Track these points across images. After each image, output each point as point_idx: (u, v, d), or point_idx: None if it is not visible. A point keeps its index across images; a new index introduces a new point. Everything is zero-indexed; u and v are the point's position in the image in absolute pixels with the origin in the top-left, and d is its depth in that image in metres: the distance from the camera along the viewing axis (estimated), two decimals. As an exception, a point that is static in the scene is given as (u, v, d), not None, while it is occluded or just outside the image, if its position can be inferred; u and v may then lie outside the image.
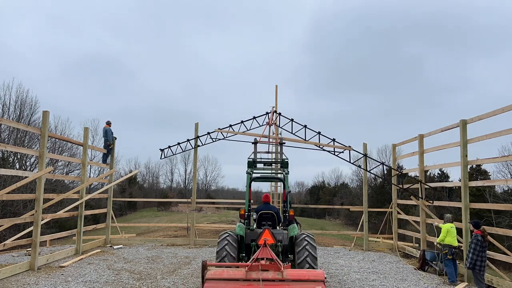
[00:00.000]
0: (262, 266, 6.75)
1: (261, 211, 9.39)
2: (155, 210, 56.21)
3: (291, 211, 9.39)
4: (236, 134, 15.66)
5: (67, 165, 35.44)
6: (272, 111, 15.79)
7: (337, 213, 57.48)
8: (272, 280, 6.47)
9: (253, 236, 8.54)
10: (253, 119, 15.53)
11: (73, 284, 8.88)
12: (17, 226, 21.19)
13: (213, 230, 21.41)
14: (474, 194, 28.08)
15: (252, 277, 6.54)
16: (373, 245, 15.97)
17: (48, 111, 11.02)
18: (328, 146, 14.79)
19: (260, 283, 6.38)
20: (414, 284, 9.60)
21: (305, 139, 14.71)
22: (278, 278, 6.48)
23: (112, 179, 16.13)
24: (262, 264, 6.80)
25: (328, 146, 14.82)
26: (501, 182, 27.25)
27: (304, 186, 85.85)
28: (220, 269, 7.02)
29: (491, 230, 10.49)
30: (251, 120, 15.55)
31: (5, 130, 30.13)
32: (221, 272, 6.75)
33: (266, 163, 11.36)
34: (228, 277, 6.64)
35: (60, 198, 13.48)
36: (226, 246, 8.18)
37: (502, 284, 9.05)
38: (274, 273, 6.57)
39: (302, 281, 6.46)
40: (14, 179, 23.57)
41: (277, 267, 6.66)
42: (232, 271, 6.87)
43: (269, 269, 6.72)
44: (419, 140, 13.71)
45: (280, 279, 6.47)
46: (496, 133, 9.54)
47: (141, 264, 11.46)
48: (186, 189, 67.20)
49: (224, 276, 6.65)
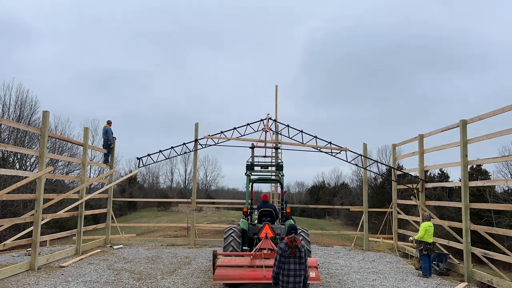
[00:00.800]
0: (264, 255, 7.94)
1: (261, 208, 10.61)
2: (155, 210, 56.19)
3: (288, 208, 10.77)
4: (229, 140, 15.74)
5: (67, 165, 35.43)
6: (267, 117, 15.91)
7: (337, 213, 57.48)
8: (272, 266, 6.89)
9: (255, 230, 9.93)
10: (247, 125, 15.70)
11: (73, 284, 8.88)
12: (17, 226, 21.19)
13: (213, 230, 21.37)
14: (474, 194, 28.08)
15: (256, 264, 7.76)
16: (373, 245, 15.96)
17: (48, 111, 11.02)
18: (325, 148, 15.39)
19: (263, 269, 7.47)
20: (414, 284, 9.60)
21: (302, 143, 15.27)
22: None
23: (112, 179, 16.13)
24: (264, 253, 7.98)
25: (325, 148, 15.42)
26: (501, 182, 27.24)
27: (304, 186, 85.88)
28: (229, 257, 8.31)
29: (491, 230, 10.52)
30: (245, 126, 15.69)
31: (5, 130, 30.14)
32: (229, 260, 8.03)
33: (263, 166, 12.72)
34: (236, 264, 7.85)
35: (60, 198, 13.48)
36: (231, 242, 9.39)
37: (502, 284, 9.05)
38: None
39: None
40: (14, 179, 23.58)
41: None
42: (239, 259, 8.08)
43: (270, 257, 7.81)
44: (419, 140, 13.71)
45: None
46: (496, 133, 9.54)
47: (141, 264, 11.46)
48: (186, 189, 67.19)
49: (232, 263, 7.87)
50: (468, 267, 10.24)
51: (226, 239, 9.46)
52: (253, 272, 7.59)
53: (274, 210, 10.59)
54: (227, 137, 15.71)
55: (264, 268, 7.45)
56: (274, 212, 10.56)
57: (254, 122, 15.74)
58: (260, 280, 7.46)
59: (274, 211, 10.58)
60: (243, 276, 7.58)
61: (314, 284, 8.95)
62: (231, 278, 7.61)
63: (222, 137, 15.74)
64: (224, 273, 7.60)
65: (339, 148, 15.28)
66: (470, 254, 10.34)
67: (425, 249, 10.79)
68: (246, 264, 7.82)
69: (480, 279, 9.88)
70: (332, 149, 15.34)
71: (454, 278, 10.67)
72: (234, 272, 7.60)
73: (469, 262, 10.28)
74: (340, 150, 15.34)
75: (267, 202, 11.09)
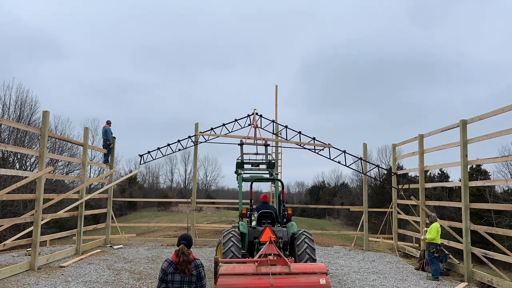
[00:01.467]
0: (271, 261, 7.26)
1: (261, 210, 9.79)
2: (155, 210, 56.20)
3: (289, 210, 9.95)
4: (218, 136, 15.81)
5: (67, 165, 35.44)
6: (254, 113, 15.92)
7: (337, 213, 57.48)
8: (280, 273, 7.00)
9: (255, 234, 9.10)
10: (235, 121, 15.77)
11: (73, 284, 8.88)
12: (17, 226, 21.19)
13: (213, 230, 21.39)
14: (474, 194, 28.09)
15: (261, 271, 7.06)
16: (373, 245, 15.96)
17: (48, 111, 11.01)
18: (308, 144, 15.31)
19: (270, 277, 6.89)
20: (414, 284, 9.60)
21: (286, 139, 15.39)
22: (285, 272, 7.02)
23: (112, 179, 16.12)
24: (270, 259, 7.30)
25: (308, 145, 15.34)
26: (501, 182, 27.25)
27: (304, 186, 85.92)
28: (232, 265, 7.63)
29: (491, 230, 10.52)
30: (233, 122, 15.78)
31: (5, 130, 30.14)
32: (233, 268, 7.33)
33: (253, 164, 12.17)
34: (240, 272, 7.19)
35: (60, 198, 13.49)
36: (232, 247, 8.68)
37: (502, 284, 9.05)
38: (282, 267, 7.09)
39: (308, 274, 7.02)
40: (14, 179, 23.58)
41: (284, 262, 7.19)
42: (243, 266, 7.45)
43: (276, 263, 7.22)
44: (419, 140, 13.70)
45: (288, 273, 7.01)
46: (496, 133, 9.53)
47: (141, 264, 11.46)
48: (186, 189, 67.18)
49: (236, 271, 7.21)
50: (468, 267, 10.24)
51: (225, 244, 8.76)
52: (259, 280, 7.05)
53: (274, 212, 9.89)
54: (216, 133, 15.79)
55: (271, 276, 6.98)
56: (275, 214, 9.86)
57: (241, 118, 15.90)
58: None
59: (275, 213, 9.89)
60: (248, 285, 7.07)
61: None
62: (235, 287, 7.10)
63: (212, 133, 15.84)
64: (227, 282, 7.01)
65: (322, 144, 15.04)
66: (470, 254, 10.34)
67: (436, 251, 10.51)
68: (251, 271, 7.21)
69: (480, 279, 9.88)
70: (315, 145, 15.17)
71: (454, 278, 10.67)
72: (239, 281, 7.03)
73: (469, 262, 10.28)
74: (323, 147, 15.09)
75: (267, 203, 10.44)
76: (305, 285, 7.00)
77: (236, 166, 11.75)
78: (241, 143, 13.34)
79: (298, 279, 7.02)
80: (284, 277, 7.00)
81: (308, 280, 7.00)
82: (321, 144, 15.13)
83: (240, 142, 13.43)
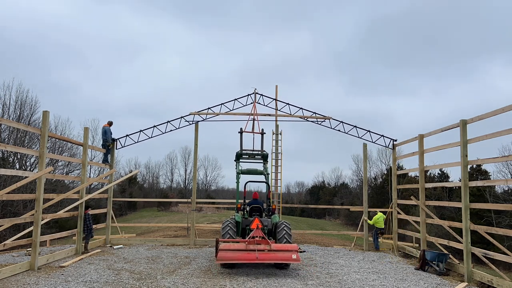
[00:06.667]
0: (257, 241, 10.16)
1: (252, 205, 12.96)
2: (155, 210, 56.21)
3: (273, 205, 13.30)
4: (218, 115, 15.68)
5: (67, 165, 35.43)
6: (255, 92, 15.94)
7: (337, 213, 57.50)
8: (263, 250, 9.97)
9: (247, 222, 12.16)
10: (234, 100, 15.80)
11: (73, 284, 8.88)
12: (17, 226, 21.20)
13: (213, 230, 21.37)
14: (474, 194, 28.09)
15: (250, 248, 9.96)
16: (373, 245, 15.95)
17: (48, 111, 11.01)
18: (311, 117, 16.40)
19: (256, 252, 9.76)
20: (414, 284, 9.59)
21: (290, 114, 16.37)
22: (267, 249, 10.04)
23: (112, 179, 16.12)
24: (256, 240, 10.22)
25: (311, 118, 16.42)
26: (501, 182, 27.18)
27: (304, 186, 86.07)
28: (228, 243, 10.53)
29: (491, 230, 10.50)
30: (233, 101, 15.78)
31: (5, 130, 30.15)
32: (229, 245, 10.25)
33: (250, 155, 14.27)
34: (234, 248, 10.08)
35: (60, 198, 13.48)
36: (229, 230, 11.49)
37: (502, 284, 9.04)
38: (265, 246, 10.09)
39: (284, 251, 10.05)
40: (14, 179, 23.58)
41: (267, 242, 10.24)
42: (237, 244, 10.39)
43: (261, 243, 10.12)
44: (419, 140, 13.69)
45: (269, 250, 10.03)
46: (496, 133, 9.52)
47: (141, 264, 11.45)
48: (186, 189, 67.21)
49: (231, 247, 10.11)
50: (468, 267, 10.23)
51: (224, 229, 11.54)
52: (248, 254, 9.77)
53: (262, 206, 12.96)
54: (214, 112, 15.69)
55: (257, 252, 9.73)
56: (262, 207, 12.94)
57: (242, 97, 15.99)
58: (253, 260, 9.69)
59: (262, 207, 12.95)
60: (240, 258, 9.79)
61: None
62: (230, 259, 9.86)
63: (210, 112, 15.71)
64: (225, 255, 9.78)
65: (323, 117, 16.23)
66: (470, 254, 10.33)
67: (379, 231, 15.33)
68: (243, 248, 10.02)
69: (480, 279, 9.87)
70: (317, 118, 16.33)
71: (454, 278, 10.66)
72: (233, 255, 9.81)
73: (469, 262, 10.27)
74: (324, 119, 16.24)
75: (257, 199, 13.36)
76: (281, 259, 9.95)
77: (236, 157, 14.05)
78: (241, 131, 14.75)
79: (276, 254, 9.94)
80: (266, 253, 9.89)
81: (284, 255, 9.92)
82: (321, 116, 16.28)
83: (240, 131, 14.77)
